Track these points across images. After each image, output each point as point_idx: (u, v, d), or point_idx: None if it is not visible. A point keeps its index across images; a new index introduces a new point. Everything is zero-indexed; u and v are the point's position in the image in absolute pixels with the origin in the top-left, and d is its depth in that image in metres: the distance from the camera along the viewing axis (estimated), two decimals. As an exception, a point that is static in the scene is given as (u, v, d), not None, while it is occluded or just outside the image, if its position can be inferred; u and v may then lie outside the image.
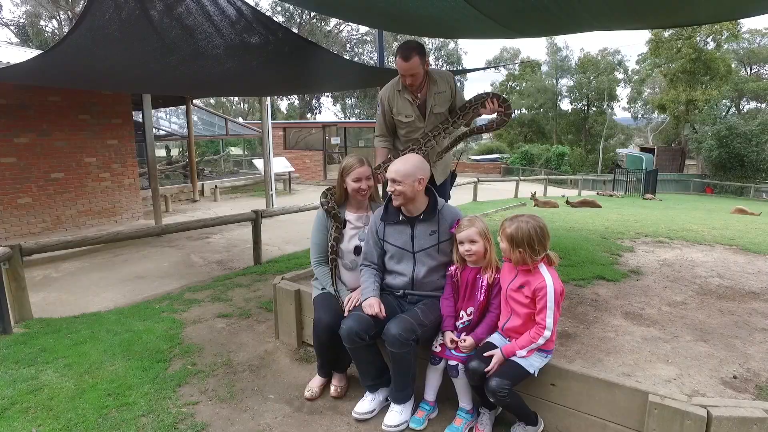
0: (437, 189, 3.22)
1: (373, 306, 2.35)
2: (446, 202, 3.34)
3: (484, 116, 3.09)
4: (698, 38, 30.33)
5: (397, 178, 2.37)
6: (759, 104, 35.29)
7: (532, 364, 2.12)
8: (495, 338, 2.26)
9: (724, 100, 32.17)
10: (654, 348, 2.56)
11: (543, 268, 2.14)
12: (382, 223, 2.54)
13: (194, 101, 12.60)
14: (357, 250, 2.71)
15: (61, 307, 4.44)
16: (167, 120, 15.02)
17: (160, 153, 19.99)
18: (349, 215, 2.76)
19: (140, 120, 9.07)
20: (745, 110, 34.42)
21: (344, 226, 2.74)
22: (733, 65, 32.86)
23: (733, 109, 33.90)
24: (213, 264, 6.03)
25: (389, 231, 2.52)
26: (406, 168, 2.38)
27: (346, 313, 2.50)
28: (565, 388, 2.18)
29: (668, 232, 6.00)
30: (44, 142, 7.20)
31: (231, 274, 5.27)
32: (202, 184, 12.69)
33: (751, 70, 36.82)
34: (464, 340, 2.27)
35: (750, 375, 2.32)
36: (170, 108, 14.05)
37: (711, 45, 31.19)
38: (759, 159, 24.74)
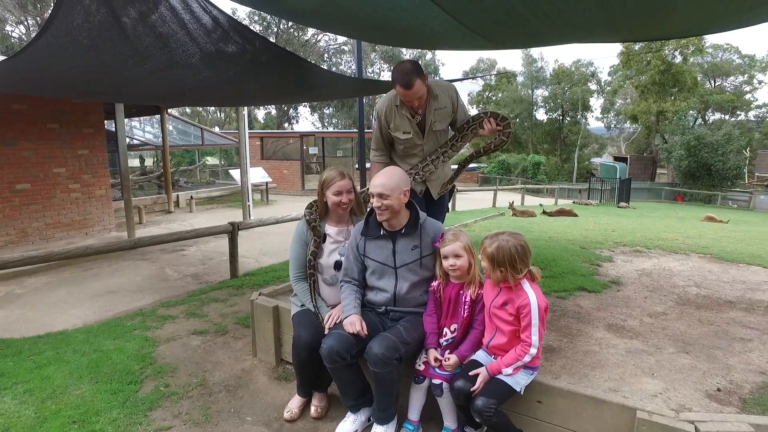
0: (435, 204, 3.14)
1: (354, 324, 2.27)
2: (445, 214, 3.28)
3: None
4: (666, 51, 31.47)
5: (385, 193, 2.30)
6: (723, 115, 36.77)
7: (518, 381, 2.08)
8: (480, 356, 2.20)
9: (691, 111, 33.35)
10: (638, 361, 2.55)
11: (526, 285, 2.10)
12: (362, 237, 2.47)
13: (169, 110, 12.36)
14: (337, 265, 2.63)
15: (24, 326, 4.22)
16: (141, 129, 14.72)
17: (134, 163, 19.55)
18: (330, 229, 2.69)
19: (113, 129, 8.83)
20: (711, 121, 35.77)
21: (324, 240, 2.66)
22: (698, 78, 34.17)
23: (699, 120, 35.17)
24: (188, 278, 5.85)
25: (370, 246, 2.45)
26: (392, 181, 2.32)
27: (326, 331, 2.42)
28: (551, 405, 2.13)
29: (645, 241, 6.09)
30: (9, 152, 6.92)
31: (207, 289, 5.12)
32: (177, 195, 12.42)
33: (714, 82, 38.30)
34: (448, 359, 2.21)
35: (733, 387, 2.33)
36: (144, 117, 13.76)
37: (678, 58, 32.39)
38: (725, 168, 25.66)
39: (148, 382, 2.92)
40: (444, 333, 2.31)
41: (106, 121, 8.58)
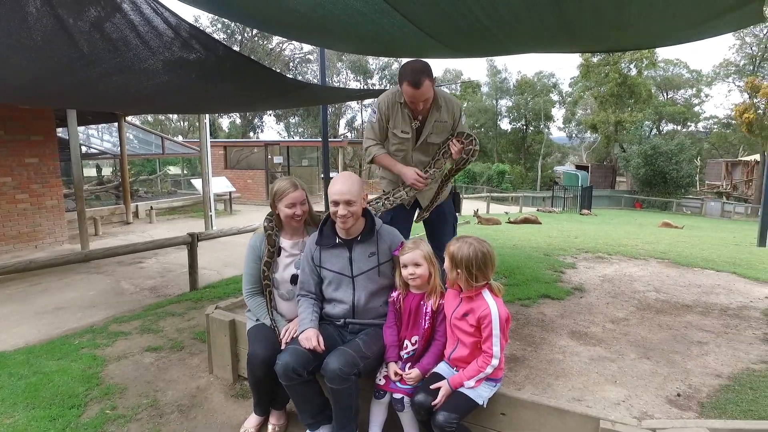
0: (440, 215, 3.08)
1: (310, 339, 2.17)
2: (456, 218, 3.29)
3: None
4: (623, 65, 32.81)
5: (352, 199, 2.22)
6: (675, 126, 38.62)
7: (481, 394, 2.02)
8: (442, 368, 2.14)
9: (646, 122, 34.82)
10: (601, 369, 2.55)
11: (487, 295, 2.05)
12: (317, 247, 2.38)
13: (128, 118, 11.93)
14: (293, 279, 2.52)
15: (-43, 348, 3.91)
16: (99, 138, 14.16)
17: (91, 173, 18.77)
18: (284, 242, 2.58)
19: (67, 137, 8.43)
20: (664, 131, 37.48)
21: (279, 253, 2.56)
22: (652, 90, 35.77)
23: (654, 131, 36.76)
24: (145, 291, 5.60)
25: (326, 256, 2.37)
26: (355, 187, 2.25)
27: (283, 346, 2.31)
28: (515, 417, 2.09)
29: (606, 247, 6.20)
30: (-52, 161, 6.51)
31: (164, 302, 4.89)
32: (137, 206, 11.98)
33: (667, 95, 40.19)
34: (410, 372, 2.13)
35: (692, 391, 2.35)
36: (102, 125, 13.25)
37: (633, 71, 33.80)
38: (679, 176, 26.83)
39: (92, 405, 2.73)
40: (405, 345, 2.23)
41: (59, 129, 8.17)
